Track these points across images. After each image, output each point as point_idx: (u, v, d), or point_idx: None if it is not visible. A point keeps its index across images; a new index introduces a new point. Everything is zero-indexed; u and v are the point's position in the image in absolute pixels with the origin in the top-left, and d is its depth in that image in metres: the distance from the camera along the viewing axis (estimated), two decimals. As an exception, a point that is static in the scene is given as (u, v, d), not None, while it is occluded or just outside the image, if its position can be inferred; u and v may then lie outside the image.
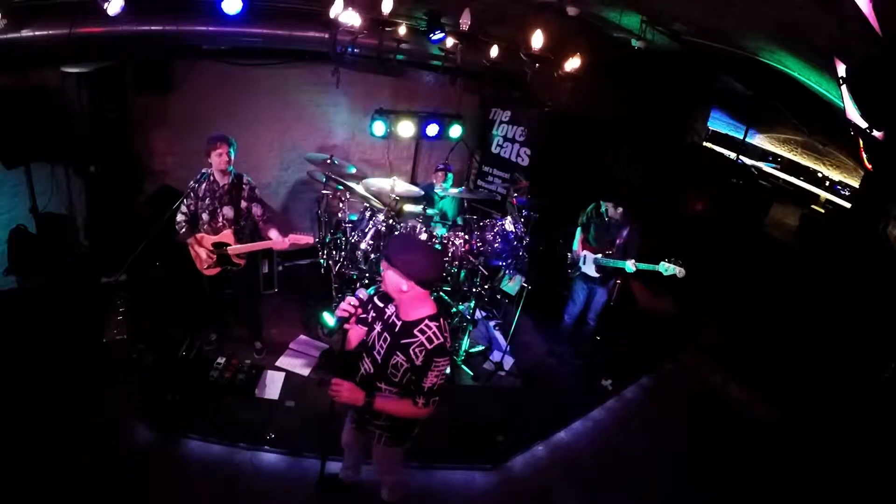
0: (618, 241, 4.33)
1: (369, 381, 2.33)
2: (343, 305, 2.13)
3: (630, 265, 4.15)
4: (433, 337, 2.16)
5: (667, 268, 4.01)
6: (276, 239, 3.63)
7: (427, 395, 2.21)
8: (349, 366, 2.46)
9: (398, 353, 2.22)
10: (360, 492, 3.17)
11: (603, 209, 4.40)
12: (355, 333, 2.41)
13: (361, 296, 2.15)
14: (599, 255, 4.39)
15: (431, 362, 2.16)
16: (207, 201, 3.65)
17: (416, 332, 2.18)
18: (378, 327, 2.32)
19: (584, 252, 4.48)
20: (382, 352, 2.28)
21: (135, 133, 4.59)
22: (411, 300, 2.18)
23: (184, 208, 3.66)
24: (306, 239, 3.63)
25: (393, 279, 2.13)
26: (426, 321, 2.19)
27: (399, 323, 2.24)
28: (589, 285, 4.59)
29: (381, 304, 2.31)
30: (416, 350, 2.17)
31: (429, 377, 2.18)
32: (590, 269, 4.47)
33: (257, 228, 3.84)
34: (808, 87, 3.78)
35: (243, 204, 3.69)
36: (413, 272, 2.11)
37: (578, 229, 4.63)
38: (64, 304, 4.18)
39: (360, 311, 2.15)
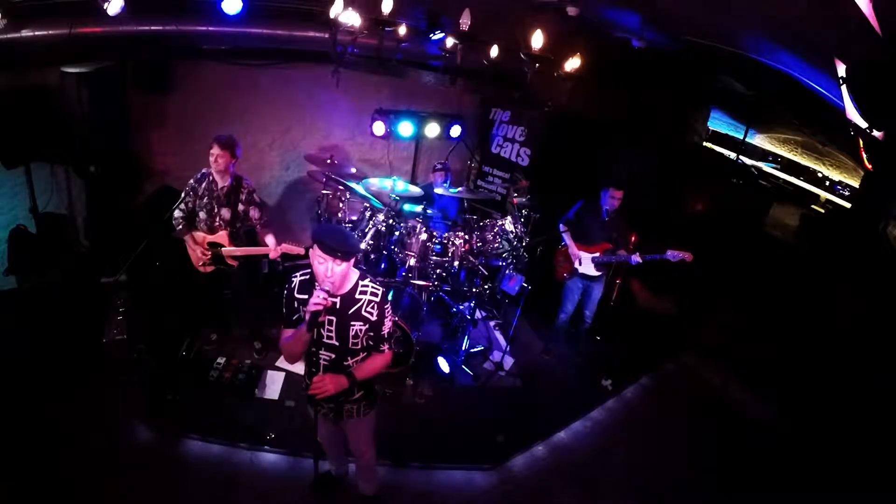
0: (614, 235, 4.32)
1: (335, 365, 2.38)
2: (314, 300, 2.14)
3: (635, 259, 4.15)
4: (374, 290, 2.36)
5: (674, 254, 4.02)
6: (269, 246, 3.67)
7: (388, 339, 2.45)
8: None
9: (353, 322, 2.33)
10: (352, 489, 3.18)
11: (604, 204, 4.34)
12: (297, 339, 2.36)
13: (326, 287, 2.17)
14: (598, 254, 4.38)
15: (384, 311, 2.38)
16: (206, 200, 3.66)
17: (358, 296, 2.34)
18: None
19: (580, 253, 4.47)
20: (334, 333, 2.34)
21: (135, 133, 4.60)
22: (346, 275, 2.29)
23: (182, 205, 3.68)
24: (298, 249, 3.68)
25: (344, 269, 2.21)
26: (359, 283, 2.35)
27: (337, 299, 2.31)
28: (585, 284, 4.58)
29: (306, 297, 2.28)
30: (369, 309, 2.34)
31: (385, 324, 2.40)
32: (588, 269, 4.46)
33: (254, 231, 3.84)
34: (808, 87, 3.78)
35: (241, 207, 3.70)
36: (355, 251, 2.28)
37: (563, 230, 4.58)
38: (64, 304, 4.18)
39: (329, 302, 2.18)
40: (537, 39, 3.59)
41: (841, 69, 2.80)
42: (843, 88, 2.71)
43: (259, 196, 3.82)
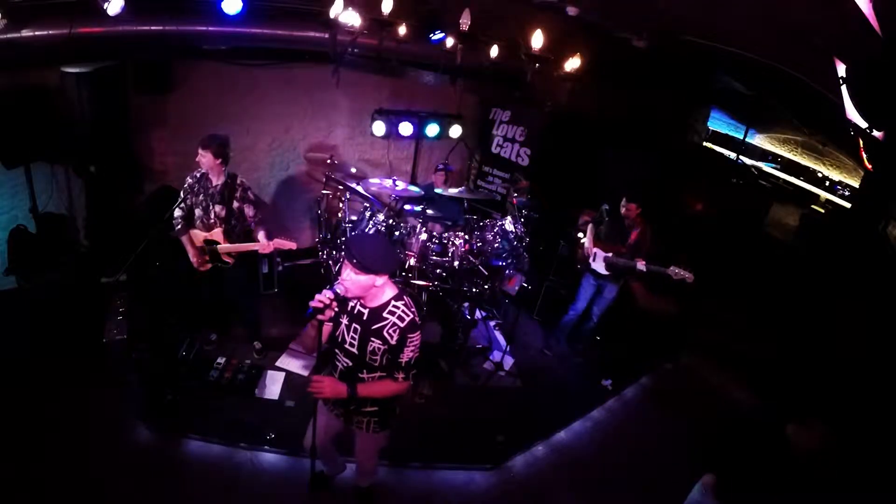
0: (629, 241, 4.33)
1: (350, 373, 2.39)
2: (318, 296, 2.16)
3: (640, 266, 4.16)
4: (403, 315, 2.26)
5: (676, 272, 4.03)
6: (261, 242, 3.69)
7: (406, 369, 2.34)
8: (328, 362, 2.53)
9: (373, 338, 2.30)
10: (348, 487, 3.18)
11: (622, 208, 4.37)
12: (325, 330, 2.42)
13: (338, 289, 2.18)
14: (610, 254, 4.40)
15: (406, 339, 2.27)
16: (201, 197, 3.70)
17: (385, 314, 2.28)
18: (344, 321, 2.36)
19: (595, 249, 4.49)
20: (356, 343, 2.34)
21: (135, 133, 4.59)
22: (378, 289, 2.26)
23: (182, 204, 3.71)
24: (290, 244, 3.70)
25: (363, 281, 2.17)
26: (392, 302, 2.29)
27: (366, 311, 2.30)
28: (597, 282, 4.60)
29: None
30: (390, 331, 2.26)
31: (405, 353, 2.29)
32: (599, 267, 4.49)
33: (249, 229, 3.86)
34: (808, 86, 3.78)
35: (235, 204, 3.72)
36: (386, 267, 2.23)
37: (590, 225, 4.65)
38: (64, 304, 4.18)
39: (334, 304, 2.18)
40: (537, 39, 3.60)
41: (841, 69, 2.80)
42: (843, 88, 2.71)
43: (254, 193, 3.84)
